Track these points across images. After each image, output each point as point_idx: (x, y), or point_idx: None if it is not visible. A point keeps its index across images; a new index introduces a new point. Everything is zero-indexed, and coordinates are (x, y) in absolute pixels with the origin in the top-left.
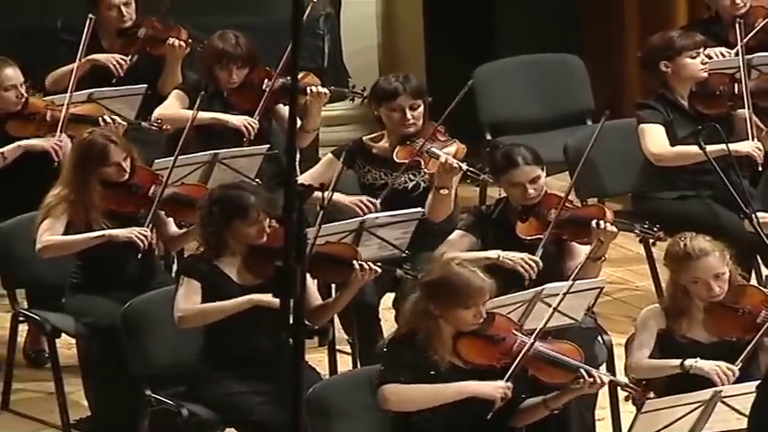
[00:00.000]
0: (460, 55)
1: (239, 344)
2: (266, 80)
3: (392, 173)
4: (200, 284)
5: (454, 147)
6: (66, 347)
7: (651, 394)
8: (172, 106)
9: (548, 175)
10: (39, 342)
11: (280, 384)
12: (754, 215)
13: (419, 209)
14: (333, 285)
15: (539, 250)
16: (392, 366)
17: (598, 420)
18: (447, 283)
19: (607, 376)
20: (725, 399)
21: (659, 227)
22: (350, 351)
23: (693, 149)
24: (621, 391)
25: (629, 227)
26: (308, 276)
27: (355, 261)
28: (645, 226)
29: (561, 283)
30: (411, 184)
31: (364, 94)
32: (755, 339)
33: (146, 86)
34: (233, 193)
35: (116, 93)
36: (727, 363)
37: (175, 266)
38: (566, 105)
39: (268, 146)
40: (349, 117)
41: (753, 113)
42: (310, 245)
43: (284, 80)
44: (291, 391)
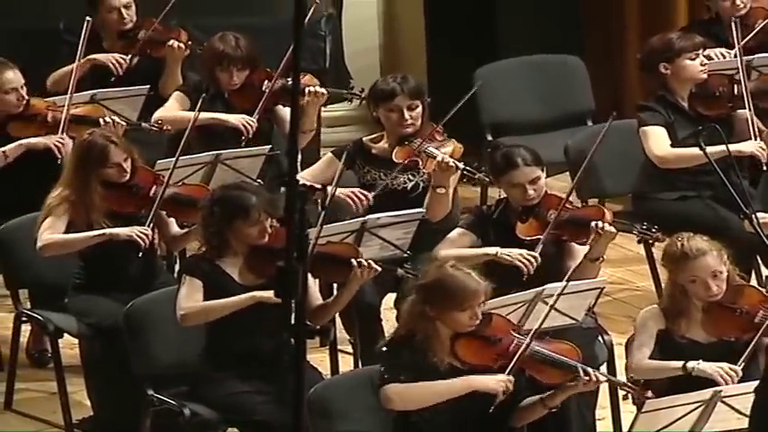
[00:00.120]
0: (462, 55)
1: (241, 344)
2: (266, 81)
3: (391, 173)
4: (202, 283)
5: (451, 146)
6: (68, 347)
7: (649, 393)
8: (171, 108)
9: (548, 176)
10: (41, 342)
11: (281, 384)
12: (754, 215)
13: (420, 209)
14: (334, 285)
15: (538, 247)
16: (392, 366)
17: (598, 420)
18: (442, 286)
19: (604, 376)
20: (725, 398)
21: (658, 227)
22: (351, 351)
23: (697, 151)
24: (621, 391)
25: (628, 227)
26: (309, 276)
27: (353, 259)
28: (644, 227)
29: (562, 284)
30: (410, 185)
31: (362, 96)
32: (755, 339)
33: (148, 87)
34: (234, 194)
35: (118, 94)
36: (728, 363)
37: (178, 267)
38: (566, 106)
39: (270, 146)
40: (350, 118)
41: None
42: (312, 245)
43: (284, 81)
44: (293, 391)
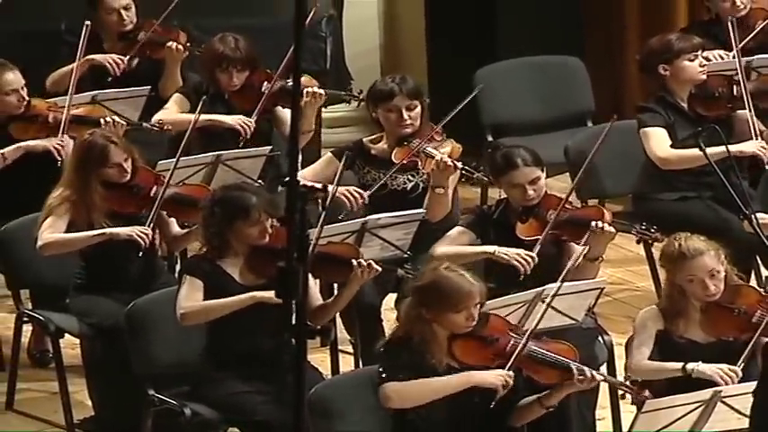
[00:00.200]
0: (462, 56)
1: (242, 344)
2: (266, 82)
3: (391, 174)
4: (202, 283)
5: (449, 146)
6: (69, 348)
7: (647, 392)
8: (170, 111)
9: (548, 177)
10: (43, 342)
11: (282, 384)
12: (753, 216)
13: (421, 210)
14: (335, 285)
15: (535, 247)
16: (391, 366)
17: (598, 420)
18: (436, 288)
19: (601, 375)
20: (725, 398)
21: (658, 228)
22: (352, 351)
23: (699, 152)
24: (619, 390)
25: (627, 228)
26: (310, 276)
27: (354, 260)
28: (642, 227)
29: (557, 284)
30: (410, 185)
31: (360, 97)
32: (754, 339)
33: (149, 88)
34: (235, 194)
35: (120, 94)
36: (728, 364)
37: (179, 267)
38: (567, 107)
39: (270, 147)
40: (351, 118)
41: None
42: (312, 246)
43: (283, 82)
44: (294, 391)
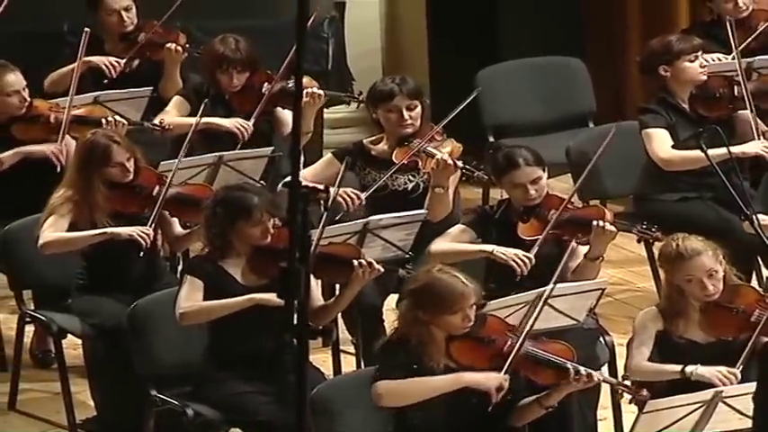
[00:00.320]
0: (463, 57)
1: (244, 344)
2: (267, 83)
3: (392, 174)
4: (202, 283)
5: (450, 146)
6: (72, 348)
7: (644, 392)
8: (170, 114)
9: (550, 177)
10: (45, 343)
11: (284, 384)
12: (755, 217)
13: (422, 210)
14: (337, 286)
15: (533, 248)
16: (386, 365)
17: (600, 420)
18: (430, 291)
19: (598, 375)
20: (726, 399)
21: (659, 228)
22: (354, 351)
23: (700, 153)
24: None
25: (627, 227)
26: (311, 277)
27: (355, 260)
28: (643, 226)
29: (564, 284)
30: (411, 185)
31: (359, 98)
32: (753, 339)
33: (151, 89)
34: (237, 194)
35: (122, 95)
36: (728, 364)
37: (181, 267)
38: (568, 108)
39: (272, 148)
40: (352, 119)
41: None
42: (314, 246)
43: (284, 84)
44: (296, 392)
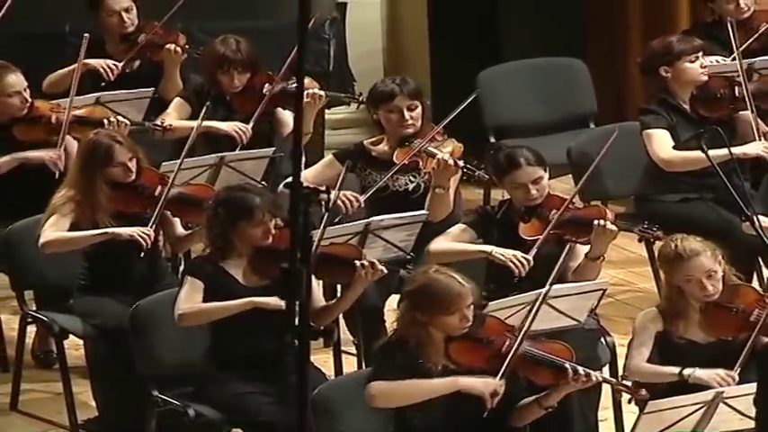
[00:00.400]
0: (465, 58)
1: (245, 345)
2: (267, 84)
3: (393, 175)
4: (203, 284)
5: (450, 146)
6: (73, 348)
7: (643, 391)
8: (170, 117)
9: (551, 178)
10: (47, 343)
11: (285, 385)
12: (756, 218)
13: (424, 211)
14: (338, 286)
15: (532, 250)
16: (382, 366)
17: (601, 421)
18: (427, 292)
19: (596, 375)
20: (726, 400)
21: (658, 226)
22: (355, 352)
23: (701, 154)
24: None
25: (628, 226)
26: (313, 278)
27: (357, 261)
28: (644, 225)
29: (565, 285)
30: (412, 186)
31: (360, 99)
32: (752, 338)
33: (153, 90)
34: (238, 195)
35: (123, 96)
36: (728, 363)
37: (182, 268)
38: (569, 109)
39: (273, 149)
40: (354, 120)
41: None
42: (315, 247)
43: (284, 84)
44: (297, 392)
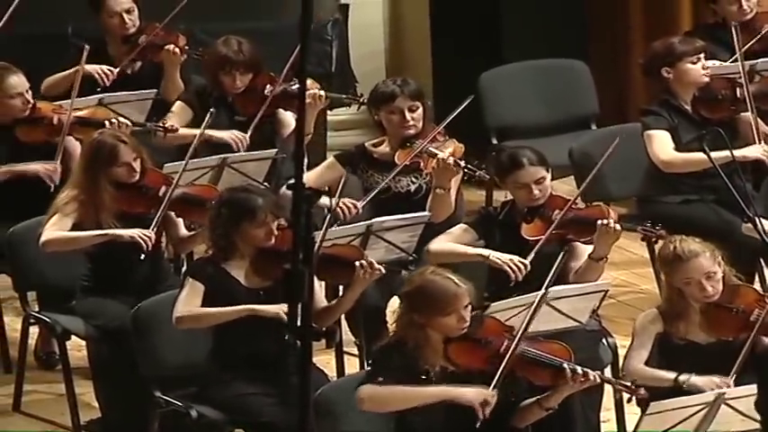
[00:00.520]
0: (467, 59)
1: (248, 346)
2: (269, 85)
3: (395, 176)
4: (203, 287)
5: (451, 146)
6: (76, 349)
7: (642, 391)
8: (171, 122)
9: (553, 179)
10: (49, 344)
11: (287, 386)
12: (757, 219)
13: (426, 212)
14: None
15: (530, 255)
16: (377, 368)
17: (603, 422)
18: (423, 293)
19: (595, 375)
20: (728, 401)
21: (661, 225)
22: (357, 353)
23: (702, 155)
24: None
25: (631, 226)
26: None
27: (357, 261)
28: (647, 225)
29: (565, 286)
30: (414, 187)
31: (361, 100)
32: (751, 338)
33: (155, 91)
34: (241, 196)
35: (126, 97)
36: (728, 366)
37: (185, 269)
38: (571, 110)
39: (276, 150)
40: (356, 121)
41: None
42: (317, 248)
43: (286, 86)
44: (299, 393)
